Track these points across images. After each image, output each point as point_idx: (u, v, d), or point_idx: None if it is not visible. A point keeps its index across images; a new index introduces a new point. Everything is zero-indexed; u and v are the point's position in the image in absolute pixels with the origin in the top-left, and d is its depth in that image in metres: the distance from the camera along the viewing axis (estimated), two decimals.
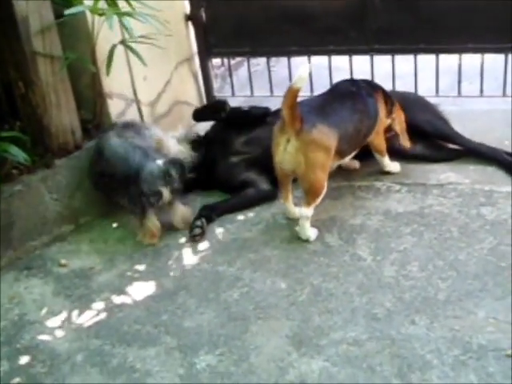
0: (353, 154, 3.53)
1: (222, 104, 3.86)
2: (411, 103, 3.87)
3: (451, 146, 3.84)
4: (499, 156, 3.71)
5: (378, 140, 3.58)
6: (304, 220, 3.24)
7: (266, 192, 3.64)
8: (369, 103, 3.47)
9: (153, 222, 3.38)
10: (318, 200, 3.23)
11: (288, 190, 3.38)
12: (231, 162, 3.72)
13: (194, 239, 3.36)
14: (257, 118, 3.78)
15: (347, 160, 3.57)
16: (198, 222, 3.41)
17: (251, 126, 3.77)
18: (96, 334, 2.89)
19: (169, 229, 3.47)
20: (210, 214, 3.48)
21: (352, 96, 3.45)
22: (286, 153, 3.16)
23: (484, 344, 2.60)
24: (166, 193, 3.31)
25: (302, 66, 3.11)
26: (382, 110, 3.54)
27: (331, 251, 3.21)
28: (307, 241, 3.26)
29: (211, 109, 3.97)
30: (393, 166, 3.72)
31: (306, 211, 3.22)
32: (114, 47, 3.47)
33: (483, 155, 3.73)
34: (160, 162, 3.33)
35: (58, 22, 3.38)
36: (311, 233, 3.27)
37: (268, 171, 3.51)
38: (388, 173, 3.71)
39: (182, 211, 3.44)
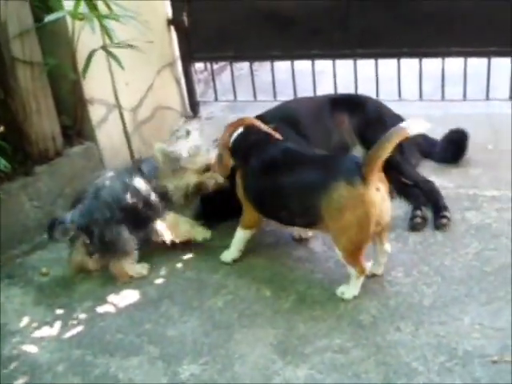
0: None
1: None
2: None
3: None
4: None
5: None
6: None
7: None
8: None
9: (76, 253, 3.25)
10: None
11: None
12: None
13: (416, 229, 3.28)
14: None
15: None
16: (418, 212, 3.32)
17: None
18: (78, 344, 2.85)
19: None
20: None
21: None
22: None
23: (470, 350, 2.59)
24: None
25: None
26: None
27: (316, 257, 3.19)
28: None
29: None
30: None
31: None
32: (92, 52, 3.42)
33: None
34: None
35: (38, 27, 3.33)
36: None
37: None
38: None
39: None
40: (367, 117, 3.65)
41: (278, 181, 2.96)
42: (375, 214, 2.74)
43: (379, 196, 2.75)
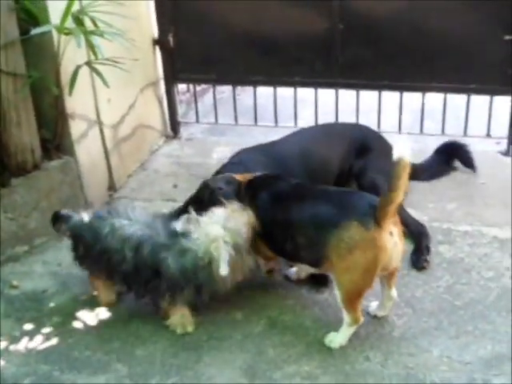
0: None
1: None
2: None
3: None
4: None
5: None
6: None
7: None
8: None
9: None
10: None
11: None
12: None
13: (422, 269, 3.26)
14: None
15: None
16: (427, 257, 3.30)
17: None
18: (45, 359, 2.83)
19: None
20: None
21: None
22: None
23: (437, 383, 2.62)
24: None
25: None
26: None
27: (289, 283, 3.19)
28: None
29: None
30: None
31: None
32: (78, 68, 3.43)
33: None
34: None
35: (23, 39, 3.32)
36: None
37: None
38: None
39: None
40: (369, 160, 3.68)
41: (289, 211, 2.84)
42: (384, 260, 2.65)
43: (392, 241, 2.65)
